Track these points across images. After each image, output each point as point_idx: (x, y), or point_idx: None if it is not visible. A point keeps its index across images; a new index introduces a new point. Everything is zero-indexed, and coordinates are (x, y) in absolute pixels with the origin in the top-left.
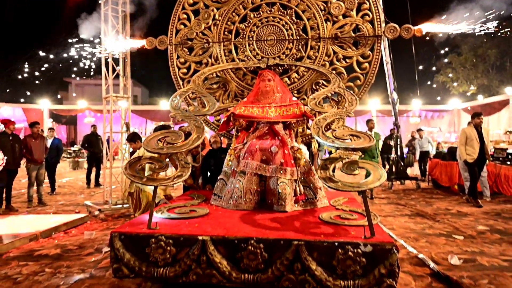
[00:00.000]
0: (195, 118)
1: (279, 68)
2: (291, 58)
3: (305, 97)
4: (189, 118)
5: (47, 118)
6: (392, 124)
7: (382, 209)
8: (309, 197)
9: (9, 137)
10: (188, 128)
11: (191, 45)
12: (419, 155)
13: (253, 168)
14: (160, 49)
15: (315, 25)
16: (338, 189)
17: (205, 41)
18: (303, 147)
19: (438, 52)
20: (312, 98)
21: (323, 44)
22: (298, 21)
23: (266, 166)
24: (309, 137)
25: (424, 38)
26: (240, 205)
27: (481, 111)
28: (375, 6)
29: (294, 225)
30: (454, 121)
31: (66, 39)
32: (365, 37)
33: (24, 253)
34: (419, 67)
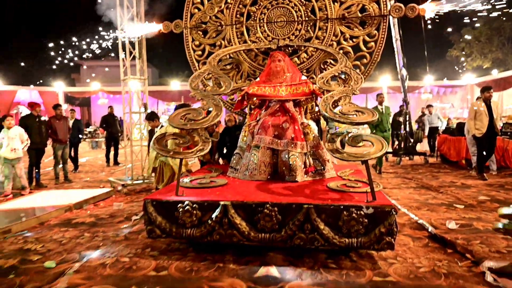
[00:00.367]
0: (213, 97)
1: (289, 48)
2: (300, 39)
3: (314, 76)
4: (207, 97)
5: (62, 100)
6: (402, 100)
7: (389, 182)
8: (318, 168)
9: (36, 118)
10: (206, 107)
11: (205, 28)
12: (428, 131)
13: (266, 143)
14: (176, 33)
15: (323, 6)
16: (344, 159)
17: (218, 24)
18: (312, 123)
19: (451, 26)
20: (320, 77)
21: (331, 24)
22: (307, 2)
23: (278, 141)
24: (317, 113)
25: (434, 16)
26: (255, 176)
27: (495, 85)
28: None
29: (304, 192)
30: (467, 97)
31: (79, 22)
32: (371, 17)
33: (62, 221)
34: (430, 42)
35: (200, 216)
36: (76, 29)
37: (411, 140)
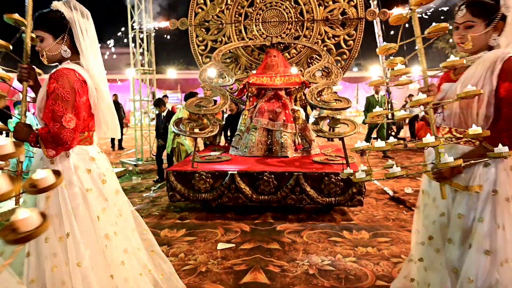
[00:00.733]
0: (220, 88)
1: (281, 45)
2: (290, 36)
3: (302, 69)
4: (215, 88)
5: None
6: (385, 90)
7: (369, 161)
8: (305, 146)
9: None
10: (212, 96)
11: (207, 26)
12: (409, 118)
13: (262, 124)
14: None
15: (310, 9)
16: (325, 136)
17: (220, 22)
18: (300, 109)
19: (437, 19)
20: (307, 72)
21: (317, 25)
22: (296, 5)
23: (272, 123)
24: (305, 101)
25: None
26: (253, 152)
27: None
28: None
29: (294, 164)
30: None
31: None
32: (350, 19)
33: None
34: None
35: (212, 183)
36: None
37: (393, 127)
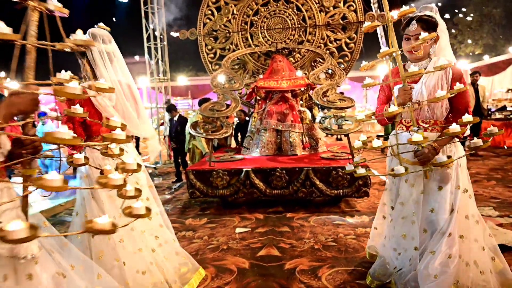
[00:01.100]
0: (231, 92)
1: (285, 50)
2: (294, 42)
3: (306, 72)
4: (227, 92)
5: None
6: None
7: (372, 156)
8: (312, 145)
9: None
10: (223, 100)
11: (216, 35)
12: None
13: (272, 125)
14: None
15: (312, 15)
16: (331, 133)
17: (227, 31)
18: (306, 110)
19: (443, 14)
20: (312, 74)
21: (319, 30)
22: (299, 12)
23: (281, 124)
24: (310, 102)
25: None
26: (264, 151)
27: (487, 70)
28: None
29: (303, 160)
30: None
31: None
32: (350, 23)
33: None
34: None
35: (228, 180)
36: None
37: None
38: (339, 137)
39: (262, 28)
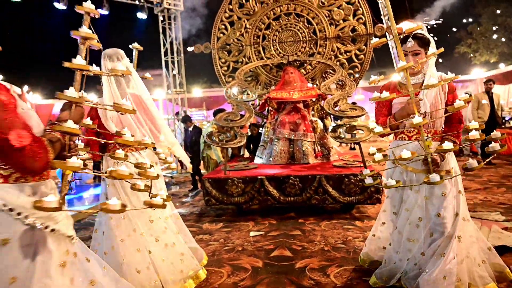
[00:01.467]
0: (245, 103)
1: (297, 62)
2: (305, 54)
3: (317, 83)
4: (241, 104)
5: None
6: None
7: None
8: (324, 153)
9: None
10: (237, 111)
11: (229, 48)
12: None
13: (284, 134)
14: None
15: (322, 28)
16: (343, 142)
17: (240, 45)
18: (318, 119)
19: (458, 23)
20: (323, 85)
21: (329, 42)
22: (309, 26)
23: (293, 133)
24: (322, 112)
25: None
26: (277, 160)
27: (503, 79)
28: (367, 11)
29: (316, 168)
30: (478, 90)
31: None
32: (360, 35)
33: None
34: (438, 40)
35: (243, 188)
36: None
37: None
38: (352, 146)
39: (274, 41)
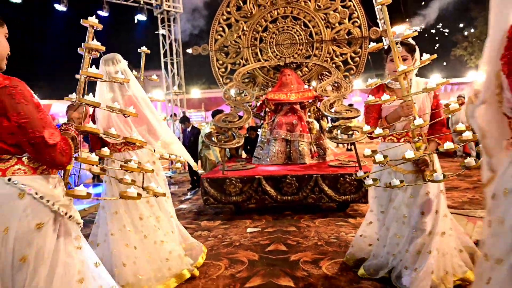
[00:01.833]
0: (243, 104)
1: (293, 64)
2: (302, 56)
3: (314, 85)
4: (239, 104)
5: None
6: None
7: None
8: (320, 154)
9: None
10: (235, 112)
11: (227, 50)
12: None
13: (281, 135)
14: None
15: (318, 31)
16: (339, 142)
17: (237, 47)
18: (314, 121)
19: (455, 26)
20: (319, 87)
21: (325, 45)
22: (306, 28)
23: (290, 134)
24: (318, 113)
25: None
26: (274, 160)
27: None
28: (362, 15)
29: (312, 168)
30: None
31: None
32: (355, 38)
33: None
34: (435, 43)
35: (241, 187)
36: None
37: None
38: (349, 147)
39: (271, 44)
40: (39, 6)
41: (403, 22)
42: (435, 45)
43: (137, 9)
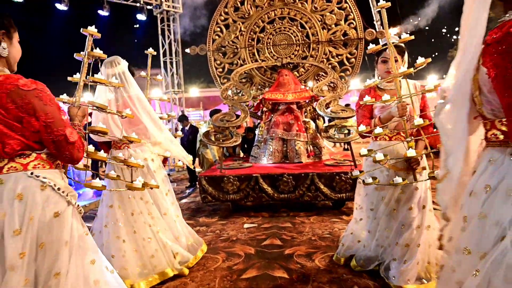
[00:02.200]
0: (240, 104)
1: (290, 65)
2: (298, 57)
3: (310, 85)
4: (236, 104)
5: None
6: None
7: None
8: (316, 153)
9: None
10: (233, 111)
11: (224, 50)
12: None
13: (278, 134)
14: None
15: (315, 32)
16: (335, 141)
17: (235, 47)
18: (310, 120)
19: (452, 27)
20: (316, 87)
21: (321, 46)
22: (303, 29)
23: (287, 133)
24: (314, 113)
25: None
26: (271, 159)
27: None
28: (358, 17)
29: (308, 167)
30: None
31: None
32: (351, 39)
33: None
34: (433, 44)
35: (238, 185)
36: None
37: None
38: (345, 147)
39: (268, 44)
40: (40, 6)
41: (397, 24)
42: (432, 46)
43: (137, 8)
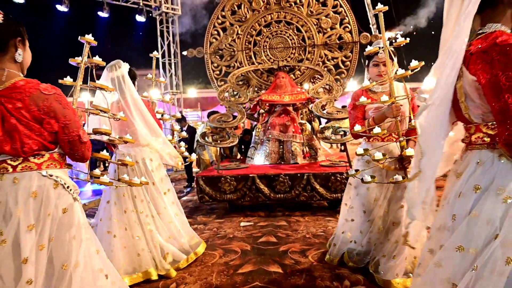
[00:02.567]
0: (237, 105)
1: (286, 67)
2: (294, 60)
3: (306, 87)
4: (233, 105)
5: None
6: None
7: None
8: (312, 154)
9: None
10: (230, 113)
11: (221, 53)
12: None
13: (274, 136)
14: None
15: (311, 35)
16: (331, 142)
17: (232, 50)
18: (306, 122)
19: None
20: (312, 89)
21: (317, 49)
22: (299, 33)
23: (283, 134)
24: (310, 115)
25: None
26: (267, 160)
27: None
28: (353, 20)
29: (304, 168)
30: None
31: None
32: (346, 43)
33: None
34: (430, 45)
35: (235, 185)
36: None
37: None
38: (342, 148)
39: (265, 47)
40: (40, 7)
41: (392, 28)
42: (429, 48)
43: (136, 10)
